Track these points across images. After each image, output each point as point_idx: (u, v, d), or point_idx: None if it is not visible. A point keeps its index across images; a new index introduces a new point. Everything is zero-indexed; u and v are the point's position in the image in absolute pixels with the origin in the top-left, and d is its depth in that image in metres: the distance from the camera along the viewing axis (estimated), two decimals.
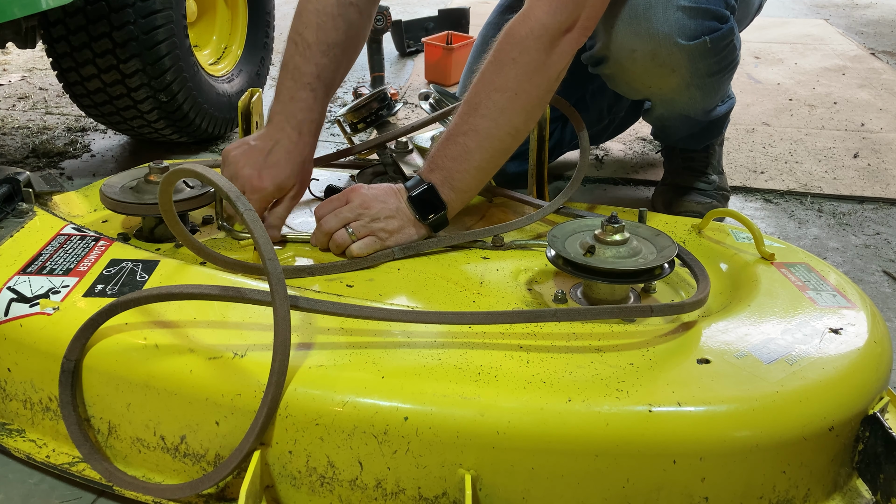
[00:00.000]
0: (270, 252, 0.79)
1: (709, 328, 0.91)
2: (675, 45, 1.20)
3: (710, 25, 1.21)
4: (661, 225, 1.22)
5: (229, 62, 2.06)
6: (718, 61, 1.26)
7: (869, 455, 0.83)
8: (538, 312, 0.87)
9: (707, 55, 1.23)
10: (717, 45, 1.23)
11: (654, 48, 1.21)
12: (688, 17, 1.20)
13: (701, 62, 1.24)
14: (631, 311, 0.92)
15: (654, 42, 1.21)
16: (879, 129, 2.14)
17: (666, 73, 1.26)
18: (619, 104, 1.74)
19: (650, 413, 0.76)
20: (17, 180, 1.13)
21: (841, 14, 3.70)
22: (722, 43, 1.23)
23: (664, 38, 1.20)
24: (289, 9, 1.26)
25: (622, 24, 1.22)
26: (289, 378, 0.79)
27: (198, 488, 0.80)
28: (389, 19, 2.30)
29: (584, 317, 0.87)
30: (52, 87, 2.40)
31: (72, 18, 1.58)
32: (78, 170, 1.81)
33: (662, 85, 1.30)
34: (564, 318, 0.87)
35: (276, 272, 0.79)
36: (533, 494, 0.77)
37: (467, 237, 1.14)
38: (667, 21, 1.19)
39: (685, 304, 0.91)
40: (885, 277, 1.41)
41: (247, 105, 1.29)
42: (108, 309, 0.84)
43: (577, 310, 0.88)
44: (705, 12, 1.21)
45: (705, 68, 1.26)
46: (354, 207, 1.09)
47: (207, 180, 0.82)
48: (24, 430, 0.93)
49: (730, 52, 1.27)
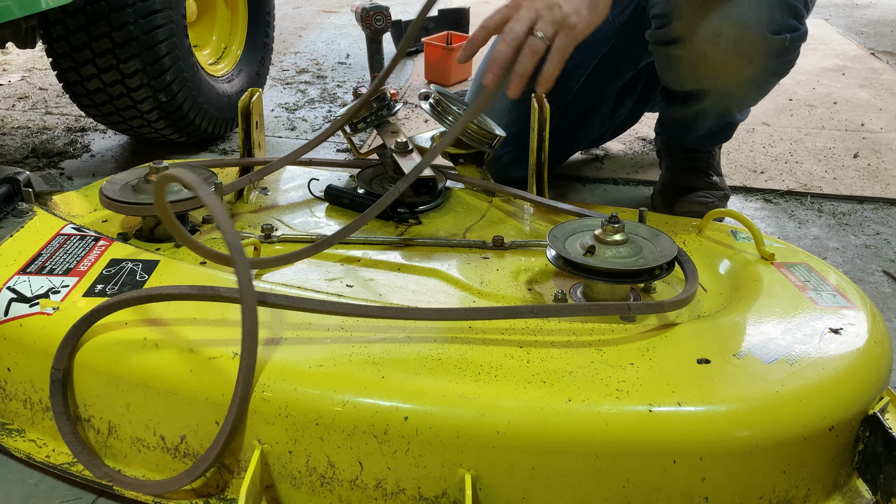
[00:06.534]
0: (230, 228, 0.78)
1: (709, 328, 0.91)
2: (762, 35, 1.20)
3: (792, 23, 1.22)
4: (661, 225, 1.22)
5: (229, 62, 2.05)
6: (786, 62, 1.27)
7: (869, 455, 0.83)
8: (515, 309, 0.87)
9: (782, 53, 1.24)
10: (792, 45, 1.24)
11: (741, 35, 1.21)
12: (777, 9, 1.20)
13: (774, 59, 1.25)
14: (608, 308, 0.92)
15: (741, 28, 1.20)
16: (879, 129, 2.14)
17: (743, 64, 1.25)
18: (620, 108, 1.74)
19: (650, 413, 0.76)
20: (17, 180, 1.13)
21: (841, 14, 3.70)
22: (796, 43, 1.24)
23: (753, 27, 1.20)
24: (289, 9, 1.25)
25: (711, 5, 1.21)
26: (289, 377, 0.79)
27: (177, 484, 0.80)
28: (389, 19, 2.30)
29: (561, 314, 0.88)
30: (52, 87, 2.40)
31: (72, 18, 1.58)
32: (78, 170, 1.81)
33: (732, 76, 1.29)
34: (542, 314, 0.87)
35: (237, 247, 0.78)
36: (533, 494, 0.77)
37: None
38: (759, 9, 1.20)
39: (665, 303, 0.91)
40: (885, 277, 1.41)
41: (247, 105, 1.29)
42: (90, 315, 0.85)
43: (555, 306, 0.88)
44: (791, 8, 1.21)
45: (775, 66, 1.27)
46: (532, 5, 0.98)
47: (184, 182, 0.81)
48: (24, 430, 0.93)
49: (796, 55, 1.28)
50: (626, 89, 1.70)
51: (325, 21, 3.47)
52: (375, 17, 2.27)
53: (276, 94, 2.39)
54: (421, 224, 1.24)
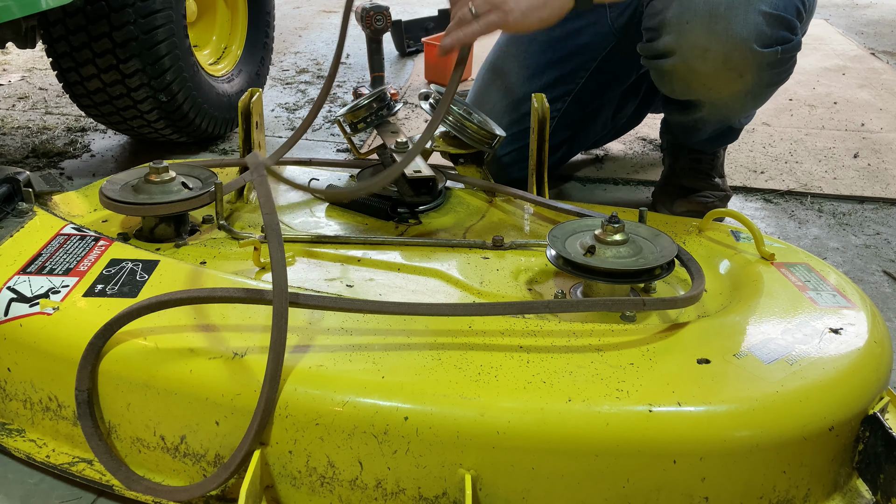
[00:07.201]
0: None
1: (709, 328, 0.91)
2: (751, 50, 1.19)
3: (783, 35, 1.20)
4: (661, 225, 1.22)
5: (229, 62, 2.05)
6: (780, 73, 1.26)
7: (869, 455, 0.83)
8: (531, 304, 0.87)
9: (774, 65, 1.23)
10: (785, 57, 1.22)
11: (729, 50, 1.20)
12: (766, 23, 1.18)
13: (767, 72, 1.23)
14: (623, 304, 0.92)
15: (729, 44, 1.19)
16: (879, 129, 2.14)
17: (733, 78, 1.24)
18: (623, 111, 1.74)
19: (650, 413, 0.76)
20: (17, 180, 1.13)
21: (841, 14, 3.70)
22: (789, 55, 1.23)
23: (741, 42, 1.18)
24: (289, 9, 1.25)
25: (699, 21, 1.20)
26: (289, 377, 0.79)
27: (205, 489, 0.80)
28: (389, 19, 2.30)
29: (577, 308, 0.87)
30: (52, 87, 2.40)
31: (72, 18, 1.58)
32: (78, 170, 1.81)
33: (723, 89, 1.28)
34: (557, 309, 0.87)
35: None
36: (533, 494, 0.77)
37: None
38: (746, 24, 1.18)
39: (678, 299, 0.91)
40: (885, 277, 1.41)
41: (247, 105, 1.29)
42: (105, 329, 0.84)
43: (571, 302, 0.88)
44: (782, 21, 1.20)
45: (768, 78, 1.25)
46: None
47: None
48: (24, 430, 0.93)
49: (791, 66, 1.27)
50: (628, 92, 1.70)
51: (325, 21, 3.47)
52: (375, 17, 2.27)
53: (276, 94, 2.39)
54: (421, 224, 1.24)
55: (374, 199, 1.26)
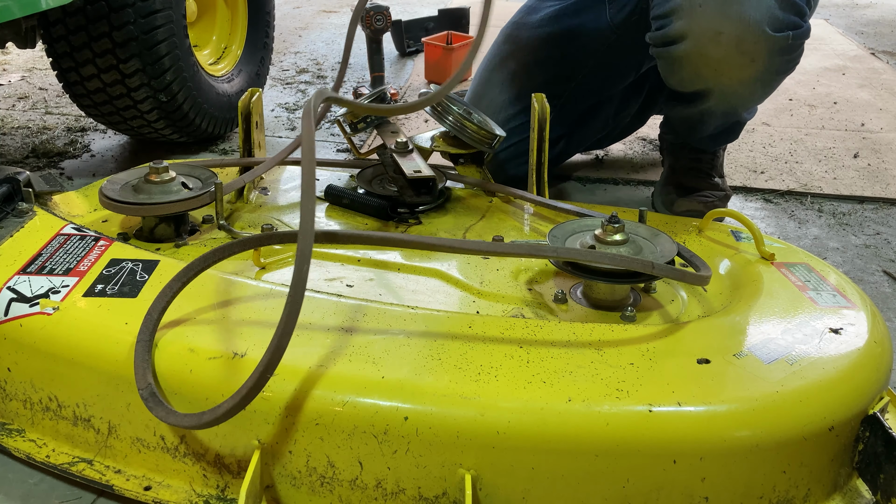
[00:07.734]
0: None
1: (709, 328, 0.91)
2: (763, 34, 1.20)
3: (794, 21, 1.22)
4: (661, 225, 1.22)
5: (229, 62, 2.05)
6: (790, 60, 1.27)
7: (869, 455, 0.83)
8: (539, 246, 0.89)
9: (785, 51, 1.24)
10: (795, 43, 1.23)
11: (742, 33, 1.21)
12: (779, 7, 1.20)
13: (777, 57, 1.24)
14: (633, 262, 0.92)
15: (742, 27, 1.20)
16: (879, 129, 2.14)
17: (745, 63, 1.25)
18: (625, 110, 1.74)
19: (650, 413, 0.76)
20: (17, 180, 1.13)
21: (841, 14, 3.70)
22: (799, 41, 1.24)
23: (754, 25, 1.20)
24: (289, 9, 1.26)
25: (712, 4, 1.22)
26: (289, 377, 0.79)
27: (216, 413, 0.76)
28: (389, 19, 2.30)
29: (586, 257, 0.91)
30: (52, 87, 2.40)
31: (72, 18, 1.58)
32: (78, 170, 1.81)
33: (734, 75, 1.29)
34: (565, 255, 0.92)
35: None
36: (533, 494, 0.77)
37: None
38: (759, 7, 1.19)
39: (688, 274, 0.93)
40: (885, 277, 1.41)
41: (247, 105, 1.29)
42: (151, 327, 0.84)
43: (581, 251, 0.93)
44: (793, 5, 1.21)
45: (778, 65, 1.26)
46: None
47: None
48: (23, 429, 0.93)
49: (800, 53, 1.28)
50: (631, 91, 1.70)
51: (325, 21, 3.47)
52: (375, 17, 2.27)
53: (276, 94, 2.39)
54: (421, 224, 1.24)
55: (375, 198, 1.26)
